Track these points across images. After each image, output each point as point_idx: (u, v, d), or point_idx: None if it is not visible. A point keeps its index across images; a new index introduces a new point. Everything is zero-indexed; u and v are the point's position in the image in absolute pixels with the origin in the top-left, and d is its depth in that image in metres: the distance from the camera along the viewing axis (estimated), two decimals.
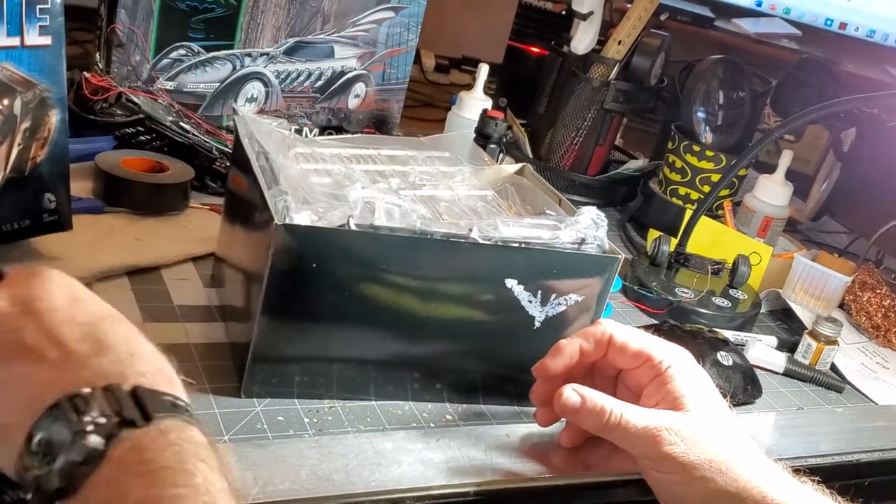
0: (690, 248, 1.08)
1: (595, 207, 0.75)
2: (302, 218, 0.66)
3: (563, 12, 1.71)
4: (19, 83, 0.74)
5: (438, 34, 1.65)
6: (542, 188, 0.85)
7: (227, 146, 1.03)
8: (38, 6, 0.73)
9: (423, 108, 1.59)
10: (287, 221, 0.65)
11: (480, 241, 0.70)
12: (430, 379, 0.74)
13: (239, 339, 0.74)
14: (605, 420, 0.65)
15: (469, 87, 1.27)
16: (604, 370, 0.72)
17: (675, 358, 0.69)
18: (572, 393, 0.66)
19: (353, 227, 0.66)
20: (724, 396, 0.70)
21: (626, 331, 0.71)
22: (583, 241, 0.73)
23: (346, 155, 0.84)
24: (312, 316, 0.69)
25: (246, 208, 0.76)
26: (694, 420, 0.66)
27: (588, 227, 0.73)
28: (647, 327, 0.92)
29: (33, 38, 0.74)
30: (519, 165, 0.91)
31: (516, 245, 0.71)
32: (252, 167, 0.73)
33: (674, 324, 0.96)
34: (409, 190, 0.78)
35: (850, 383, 0.97)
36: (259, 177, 0.71)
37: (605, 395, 0.67)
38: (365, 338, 0.71)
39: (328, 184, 0.76)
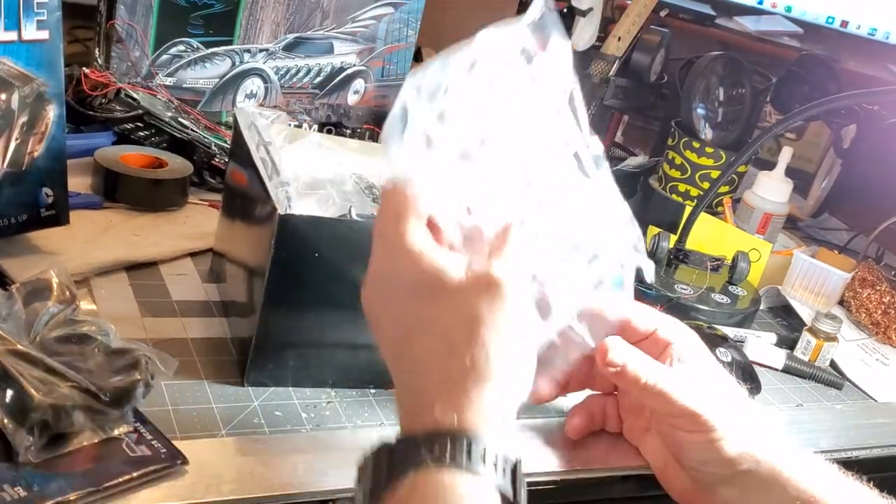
0: (690, 245, 1.07)
1: None
2: (304, 208, 0.66)
3: (564, 10, 1.71)
4: (17, 77, 0.74)
5: (440, 32, 1.64)
6: None
7: (226, 142, 1.03)
8: (36, 1, 0.73)
9: None
10: (289, 212, 0.65)
11: None
12: None
13: (241, 333, 0.74)
14: (642, 382, 0.66)
15: None
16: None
17: (674, 330, 0.70)
18: (618, 354, 0.67)
19: (354, 216, 0.66)
20: None
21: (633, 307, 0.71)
22: None
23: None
24: (315, 305, 0.69)
25: (246, 201, 0.76)
26: (706, 375, 0.68)
27: None
28: None
29: (31, 32, 0.74)
30: None
31: None
32: (252, 159, 0.73)
33: None
34: None
35: (849, 380, 0.97)
36: (260, 168, 0.71)
37: (645, 359, 0.67)
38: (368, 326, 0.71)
39: (329, 174, 0.77)
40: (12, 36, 0.73)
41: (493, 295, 0.54)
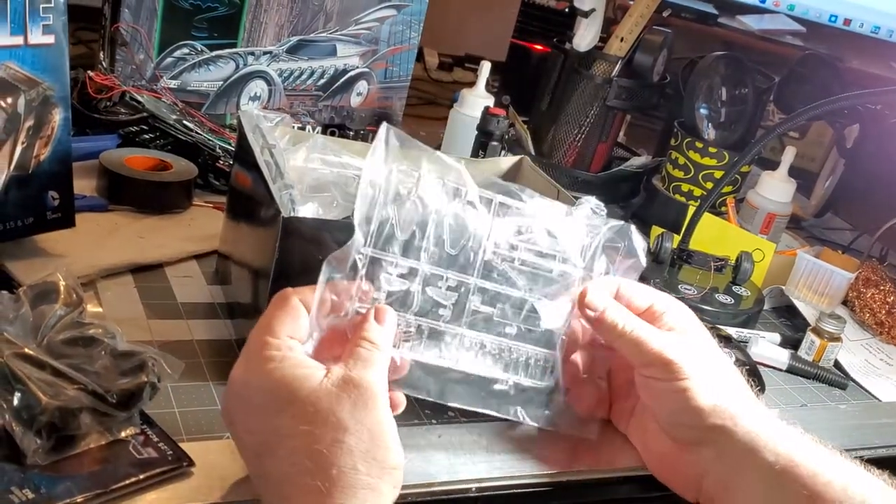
0: (693, 245, 1.08)
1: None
2: (307, 210, 0.66)
3: (567, 10, 1.71)
4: (23, 82, 0.75)
5: (442, 32, 1.65)
6: (540, 181, 0.85)
7: (230, 144, 1.03)
8: (42, 5, 0.74)
9: (427, 106, 1.59)
10: (293, 214, 0.65)
11: None
12: None
13: (246, 334, 0.73)
14: (619, 328, 0.68)
15: (472, 84, 1.27)
16: None
17: (669, 303, 0.72)
18: (596, 297, 0.69)
19: None
20: None
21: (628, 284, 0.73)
22: None
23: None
24: None
25: (251, 203, 0.76)
26: (692, 339, 0.69)
27: (588, 218, 0.73)
28: None
29: (37, 36, 0.74)
30: (516, 158, 0.92)
31: None
32: (257, 161, 0.73)
33: None
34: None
35: (853, 380, 0.97)
36: (264, 171, 0.71)
37: (623, 308, 0.69)
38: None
39: (333, 176, 0.77)
40: (18, 40, 0.73)
41: (353, 399, 0.54)
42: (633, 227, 0.73)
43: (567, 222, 0.71)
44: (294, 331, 0.58)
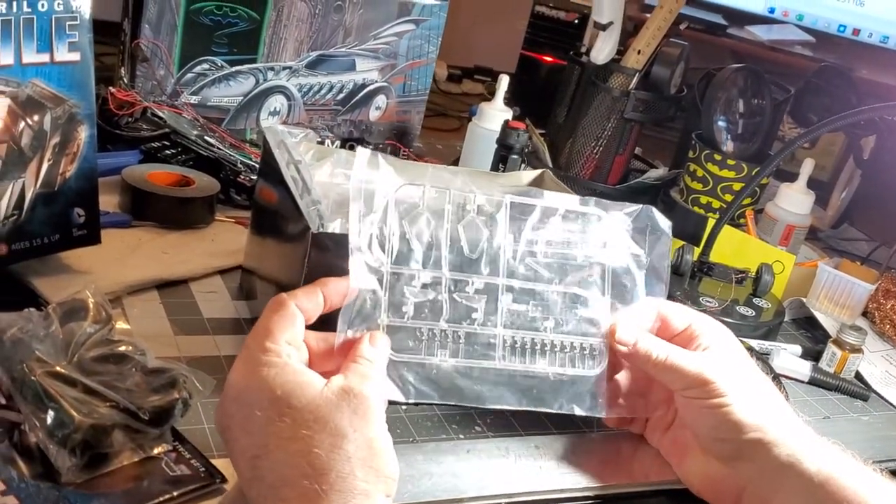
0: (714, 258, 1.08)
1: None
2: (336, 226, 0.66)
3: (576, 21, 1.72)
4: (49, 99, 0.75)
5: (451, 44, 1.65)
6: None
7: (251, 159, 1.03)
8: (68, 23, 0.74)
9: (437, 118, 1.59)
10: (322, 230, 0.66)
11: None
12: None
13: None
14: (653, 357, 0.69)
15: (482, 96, 1.27)
16: None
17: (706, 324, 0.73)
18: (626, 332, 0.71)
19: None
20: None
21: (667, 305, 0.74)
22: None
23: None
24: None
25: (277, 219, 0.76)
26: (729, 357, 0.70)
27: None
28: None
29: (63, 54, 0.75)
30: (537, 172, 0.92)
31: None
32: (283, 177, 0.73)
33: None
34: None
35: (875, 391, 0.97)
36: (291, 186, 0.72)
37: (654, 337, 0.71)
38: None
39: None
40: (45, 58, 0.74)
41: (353, 408, 0.55)
42: (653, 209, 0.74)
43: (584, 210, 0.72)
44: (292, 337, 0.59)
